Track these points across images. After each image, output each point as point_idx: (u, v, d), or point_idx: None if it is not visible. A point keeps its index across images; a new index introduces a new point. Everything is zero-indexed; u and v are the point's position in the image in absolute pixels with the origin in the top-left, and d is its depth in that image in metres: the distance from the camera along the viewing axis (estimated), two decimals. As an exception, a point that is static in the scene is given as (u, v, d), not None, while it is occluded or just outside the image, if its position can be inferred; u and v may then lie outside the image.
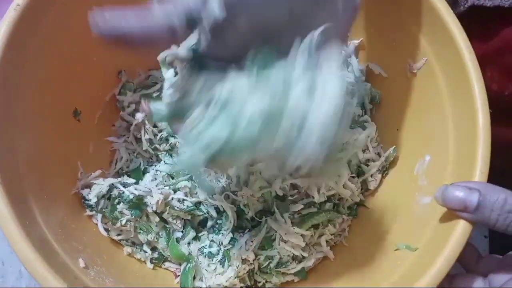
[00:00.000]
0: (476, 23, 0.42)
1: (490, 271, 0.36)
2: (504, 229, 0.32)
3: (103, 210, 0.43)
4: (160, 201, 0.42)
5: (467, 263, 0.39)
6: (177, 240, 0.44)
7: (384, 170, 0.49)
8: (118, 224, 0.43)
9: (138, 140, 0.50)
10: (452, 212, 0.35)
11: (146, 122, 0.49)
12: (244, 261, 0.43)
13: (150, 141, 0.49)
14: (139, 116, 0.48)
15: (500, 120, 0.37)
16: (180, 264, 0.45)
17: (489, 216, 0.33)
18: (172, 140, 0.49)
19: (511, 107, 0.46)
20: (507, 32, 0.44)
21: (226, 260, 0.43)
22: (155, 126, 0.50)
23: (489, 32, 0.45)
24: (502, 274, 0.35)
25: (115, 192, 0.43)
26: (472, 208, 0.33)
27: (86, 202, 0.43)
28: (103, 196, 0.43)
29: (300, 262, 0.45)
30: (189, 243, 0.45)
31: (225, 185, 0.45)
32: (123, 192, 0.43)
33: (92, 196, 0.43)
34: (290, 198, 0.45)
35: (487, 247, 0.56)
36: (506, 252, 0.38)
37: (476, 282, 0.36)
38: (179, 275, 0.44)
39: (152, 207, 0.42)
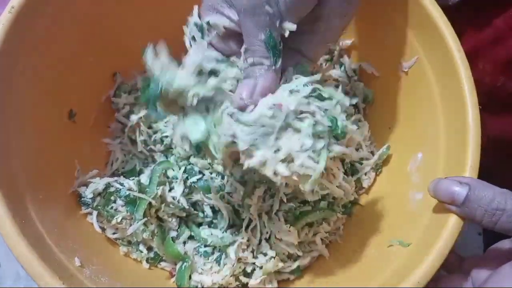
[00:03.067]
0: (469, 13, 0.43)
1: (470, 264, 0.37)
2: (492, 226, 0.33)
3: (98, 207, 0.43)
4: None
5: (449, 267, 0.39)
6: (173, 239, 0.44)
7: (378, 168, 0.49)
8: (114, 222, 0.43)
9: (133, 142, 0.50)
10: (443, 207, 0.35)
11: (141, 124, 0.49)
12: (239, 259, 0.43)
13: (145, 142, 0.50)
14: (133, 118, 0.49)
15: (491, 111, 0.37)
16: (175, 264, 0.45)
17: (475, 211, 0.33)
18: (166, 141, 0.49)
19: (502, 99, 0.46)
20: (499, 22, 0.44)
21: (222, 259, 0.44)
22: (149, 127, 0.50)
23: (482, 22, 0.46)
24: (483, 270, 0.35)
25: (111, 189, 0.44)
26: (459, 202, 0.33)
27: (82, 199, 0.44)
28: (99, 193, 0.44)
29: (295, 260, 0.45)
30: (184, 243, 0.45)
31: (220, 185, 0.45)
32: (120, 189, 0.44)
33: (88, 192, 0.43)
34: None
35: (481, 244, 0.56)
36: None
37: (459, 281, 0.37)
38: (175, 275, 0.44)
39: None
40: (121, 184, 0.45)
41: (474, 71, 0.39)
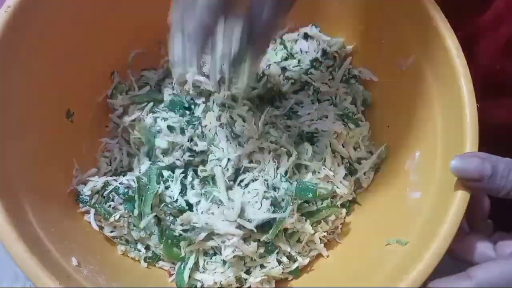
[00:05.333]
0: None
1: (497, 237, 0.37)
2: (507, 192, 0.34)
3: (96, 205, 0.43)
4: None
5: (471, 219, 0.39)
6: (175, 238, 0.43)
7: (377, 168, 0.49)
8: (112, 219, 0.43)
9: (128, 142, 0.50)
10: (441, 205, 0.35)
11: (134, 125, 0.49)
12: (242, 258, 0.43)
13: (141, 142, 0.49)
14: (126, 119, 0.49)
15: (490, 96, 0.37)
16: (174, 263, 0.45)
17: (499, 182, 0.34)
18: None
19: (501, 81, 0.46)
20: (499, 3, 0.44)
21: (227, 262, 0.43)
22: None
23: (483, 5, 0.46)
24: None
25: (109, 187, 0.44)
26: (486, 177, 0.34)
27: (80, 197, 0.44)
28: (98, 192, 0.44)
29: (295, 261, 0.45)
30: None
31: None
32: (118, 187, 0.44)
33: (86, 189, 0.44)
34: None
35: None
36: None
37: (483, 244, 0.37)
38: (173, 274, 0.44)
39: None
40: (120, 182, 0.45)
41: (474, 55, 0.38)
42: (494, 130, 0.38)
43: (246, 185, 0.44)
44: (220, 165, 0.44)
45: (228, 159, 0.45)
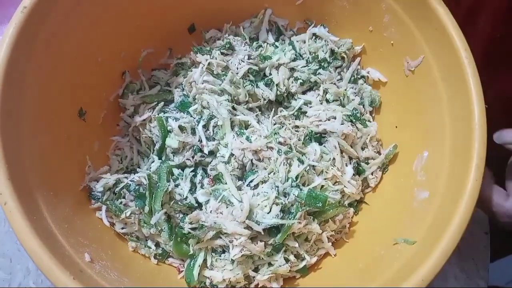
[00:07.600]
0: None
1: None
2: None
3: (107, 201, 0.44)
4: None
5: None
6: (184, 235, 0.44)
7: (385, 168, 0.50)
8: (123, 216, 0.44)
9: (139, 140, 0.51)
10: (449, 205, 0.35)
11: (146, 124, 0.50)
12: (251, 257, 0.44)
13: (151, 141, 0.50)
14: (137, 119, 0.50)
15: (492, 67, 0.37)
16: (183, 260, 0.46)
17: None
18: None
19: (503, 50, 0.46)
20: None
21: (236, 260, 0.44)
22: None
23: None
24: None
25: (121, 184, 0.45)
26: None
27: (93, 193, 0.44)
28: (109, 188, 0.45)
29: (303, 259, 0.45)
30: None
31: None
32: (129, 184, 0.44)
33: (99, 186, 0.44)
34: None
35: (488, 243, 0.56)
36: (507, 248, 0.38)
37: None
38: (182, 271, 0.45)
39: None
40: (131, 179, 0.45)
41: (476, 26, 0.38)
42: (500, 100, 0.38)
43: (256, 186, 0.45)
44: (224, 161, 0.45)
45: (232, 154, 0.45)
